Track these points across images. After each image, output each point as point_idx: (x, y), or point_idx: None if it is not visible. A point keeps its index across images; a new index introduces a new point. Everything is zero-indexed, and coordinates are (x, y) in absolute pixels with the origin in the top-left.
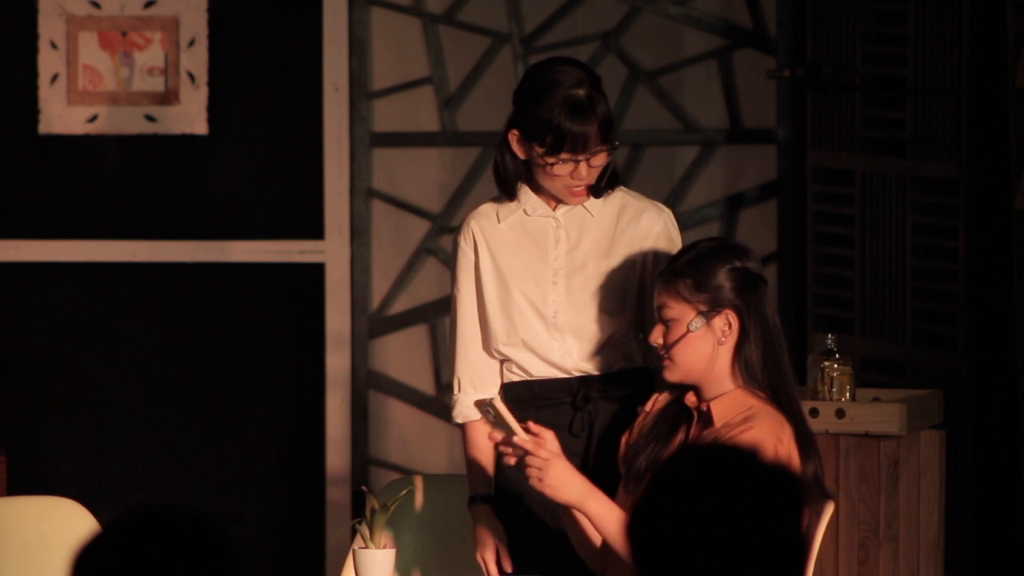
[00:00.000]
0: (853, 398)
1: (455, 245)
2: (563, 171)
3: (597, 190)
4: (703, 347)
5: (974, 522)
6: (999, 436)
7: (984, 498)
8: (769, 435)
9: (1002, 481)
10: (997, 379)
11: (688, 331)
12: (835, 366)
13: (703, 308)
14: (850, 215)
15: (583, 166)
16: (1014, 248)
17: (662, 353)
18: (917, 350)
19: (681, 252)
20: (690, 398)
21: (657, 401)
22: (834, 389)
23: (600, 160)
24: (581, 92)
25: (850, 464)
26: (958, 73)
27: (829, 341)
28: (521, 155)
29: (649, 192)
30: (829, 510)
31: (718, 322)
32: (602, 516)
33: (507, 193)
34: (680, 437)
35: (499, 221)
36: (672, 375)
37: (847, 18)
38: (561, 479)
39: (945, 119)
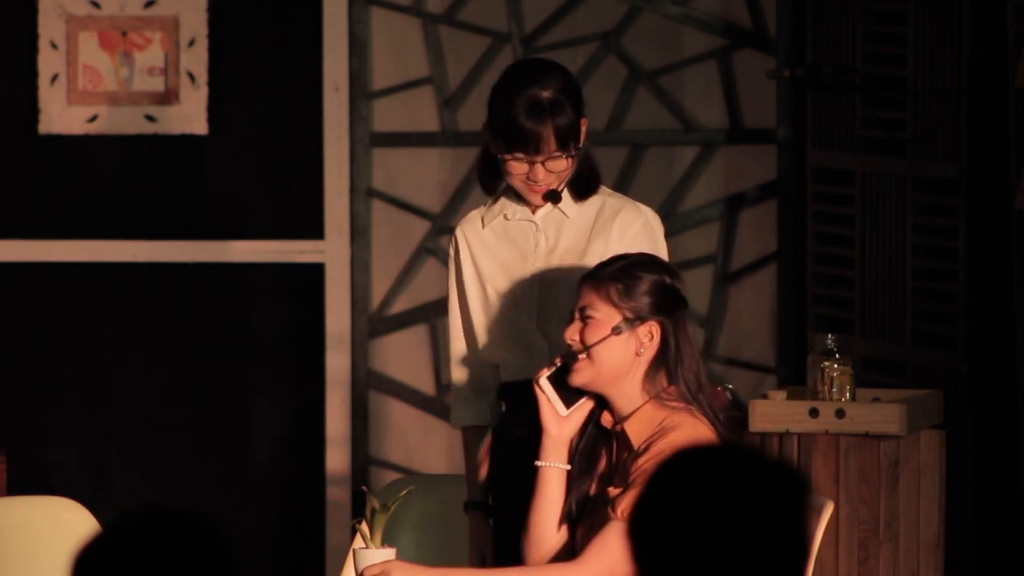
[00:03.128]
0: (853, 398)
1: (448, 252)
2: (518, 170)
3: (554, 195)
4: (622, 353)
5: (974, 522)
6: (999, 436)
7: (984, 498)
8: (684, 433)
9: (1002, 481)
10: (997, 379)
11: (611, 334)
12: (835, 366)
13: (629, 315)
14: (850, 215)
15: (539, 168)
16: (1014, 248)
17: (577, 351)
18: (917, 350)
19: (613, 259)
20: (606, 418)
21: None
22: (834, 389)
23: (558, 166)
24: (544, 94)
25: (850, 464)
26: (958, 73)
27: (829, 341)
28: (491, 149)
29: (649, 192)
30: (829, 510)
31: (641, 331)
32: None
33: (485, 188)
34: (604, 463)
35: (483, 226)
36: (582, 376)
37: (847, 18)
38: None
39: (945, 119)
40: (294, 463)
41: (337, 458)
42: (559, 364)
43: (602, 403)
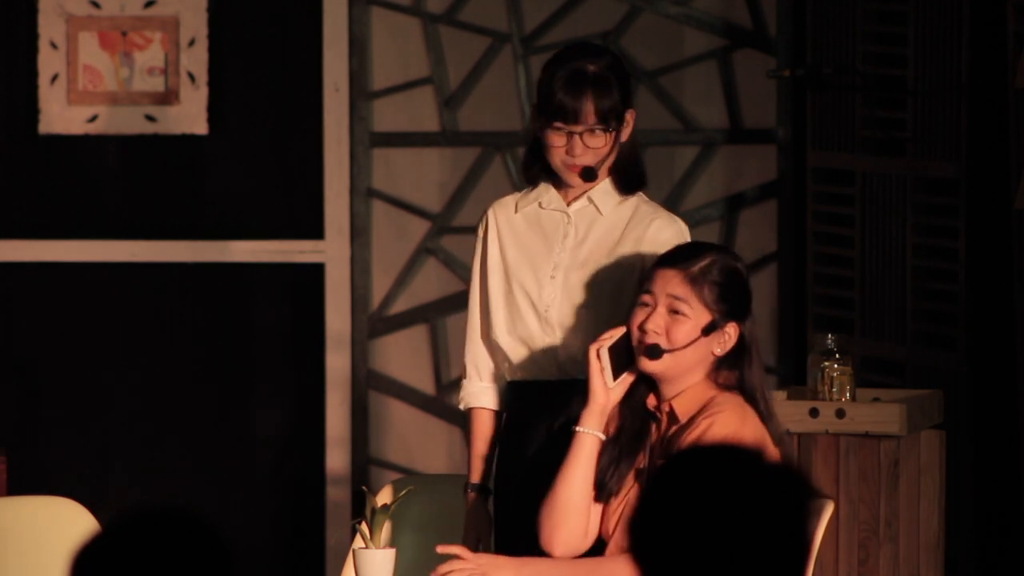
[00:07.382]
0: (853, 398)
1: (476, 231)
2: (557, 142)
3: (589, 173)
4: (702, 351)
5: (974, 522)
6: (999, 436)
7: (984, 498)
8: (734, 416)
9: (1002, 481)
10: (997, 379)
11: (700, 335)
12: (835, 366)
13: (717, 316)
14: (850, 215)
15: (577, 141)
16: (1014, 248)
17: (665, 348)
18: (917, 350)
19: (696, 250)
20: (651, 401)
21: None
22: (834, 389)
23: (596, 142)
24: (590, 67)
25: (850, 464)
26: (958, 73)
27: (829, 341)
28: (535, 128)
29: (650, 192)
30: (829, 510)
31: (724, 332)
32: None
33: (526, 174)
34: (648, 441)
35: (516, 211)
36: (658, 367)
37: (847, 18)
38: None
39: (945, 119)
40: (294, 463)
41: (337, 458)
42: (619, 336)
43: (647, 382)
